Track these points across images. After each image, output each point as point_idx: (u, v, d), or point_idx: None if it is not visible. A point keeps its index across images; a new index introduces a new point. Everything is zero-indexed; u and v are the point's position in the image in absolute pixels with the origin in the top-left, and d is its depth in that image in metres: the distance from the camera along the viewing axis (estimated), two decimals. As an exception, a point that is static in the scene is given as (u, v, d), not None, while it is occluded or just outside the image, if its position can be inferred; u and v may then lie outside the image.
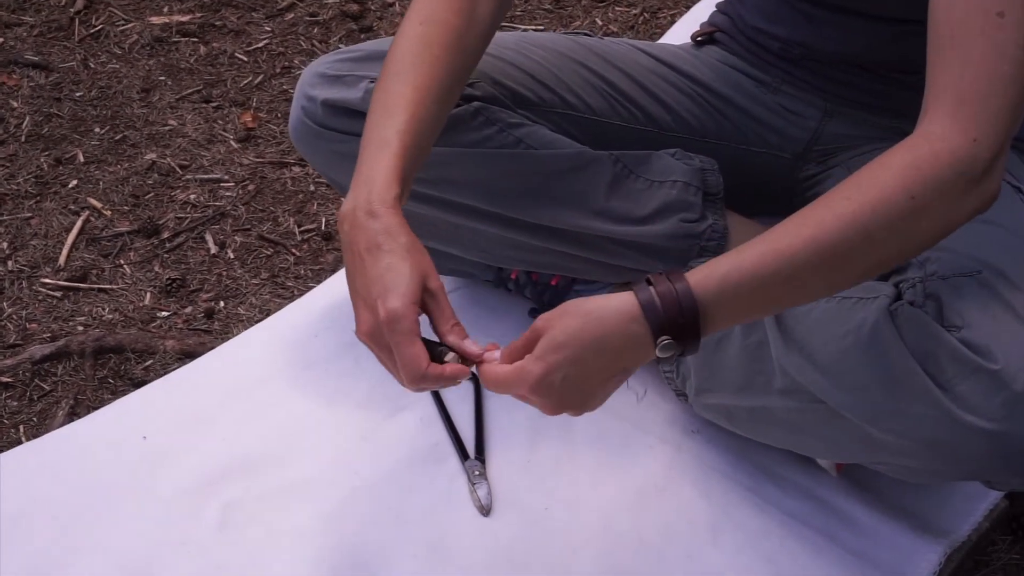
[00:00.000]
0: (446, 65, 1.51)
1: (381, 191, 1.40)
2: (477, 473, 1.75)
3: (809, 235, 1.26)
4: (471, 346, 1.38)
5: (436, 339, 1.39)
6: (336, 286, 2.11)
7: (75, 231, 2.34)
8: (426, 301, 1.38)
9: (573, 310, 1.32)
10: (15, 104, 2.67)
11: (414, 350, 1.34)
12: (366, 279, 1.38)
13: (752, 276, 1.27)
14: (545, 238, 1.78)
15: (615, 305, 1.30)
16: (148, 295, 2.22)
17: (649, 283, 1.29)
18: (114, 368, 2.06)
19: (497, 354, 1.37)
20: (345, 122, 1.74)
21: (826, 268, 1.28)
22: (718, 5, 1.92)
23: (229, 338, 2.06)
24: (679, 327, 1.27)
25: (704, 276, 1.28)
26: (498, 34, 1.86)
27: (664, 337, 1.28)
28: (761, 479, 1.76)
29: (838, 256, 1.27)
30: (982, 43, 1.26)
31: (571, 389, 1.32)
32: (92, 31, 2.88)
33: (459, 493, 1.75)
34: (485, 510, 1.72)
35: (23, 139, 2.57)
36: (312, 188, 2.45)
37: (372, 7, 2.96)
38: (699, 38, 1.92)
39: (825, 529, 1.70)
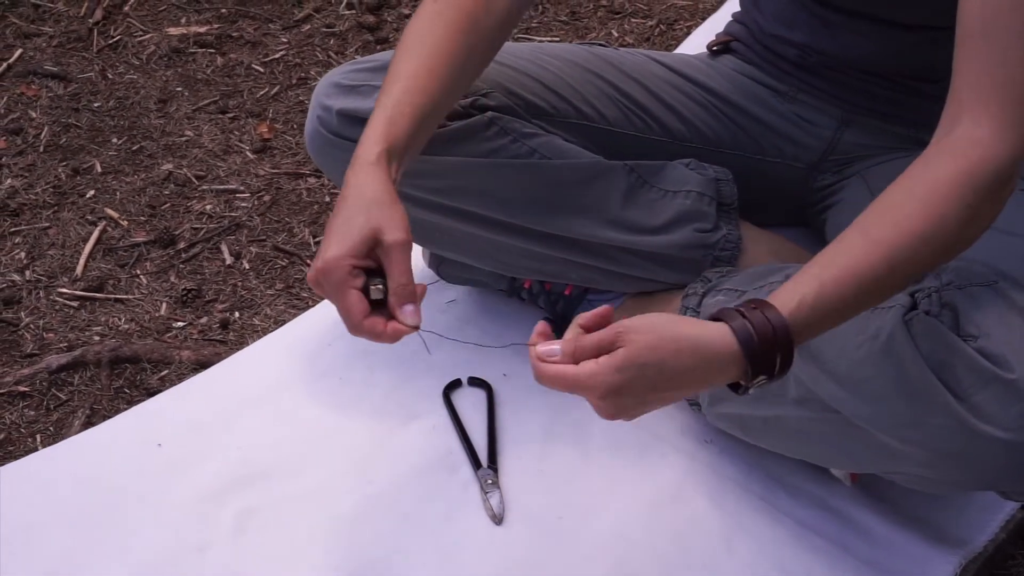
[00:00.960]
0: (454, 43, 1.54)
1: (364, 150, 1.44)
2: (490, 482, 1.75)
3: (881, 255, 1.29)
4: (407, 316, 1.38)
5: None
6: (351, 295, 2.11)
7: (92, 241, 2.35)
8: (380, 255, 1.38)
9: (666, 332, 1.27)
10: (34, 114, 2.68)
11: (346, 301, 1.36)
12: (326, 230, 1.41)
13: (838, 300, 1.29)
14: (559, 248, 1.78)
15: (712, 337, 1.27)
16: (164, 305, 2.22)
17: (742, 315, 1.27)
18: (130, 378, 2.06)
19: (556, 347, 1.31)
20: (360, 132, 1.73)
21: (897, 283, 1.33)
22: (734, 15, 1.92)
23: (243, 349, 2.06)
24: (777, 365, 1.28)
25: (795, 308, 1.27)
26: (513, 45, 1.87)
27: (761, 377, 1.28)
28: (775, 488, 1.75)
29: (908, 269, 1.31)
30: (1021, 44, 1.28)
31: (638, 404, 1.30)
32: (110, 42, 2.89)
33: (472, 502, 1.75)
34: (498, 519, 1.72)
35: (41, 149, 2.58)
36: (327, 199, 2.45)
37: (388, 18, 2.97)
38: (715, 48, 1.92)
39: (839, 539, 1.69)
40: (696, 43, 2.46)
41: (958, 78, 1.33)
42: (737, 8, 1.93)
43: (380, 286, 1.38)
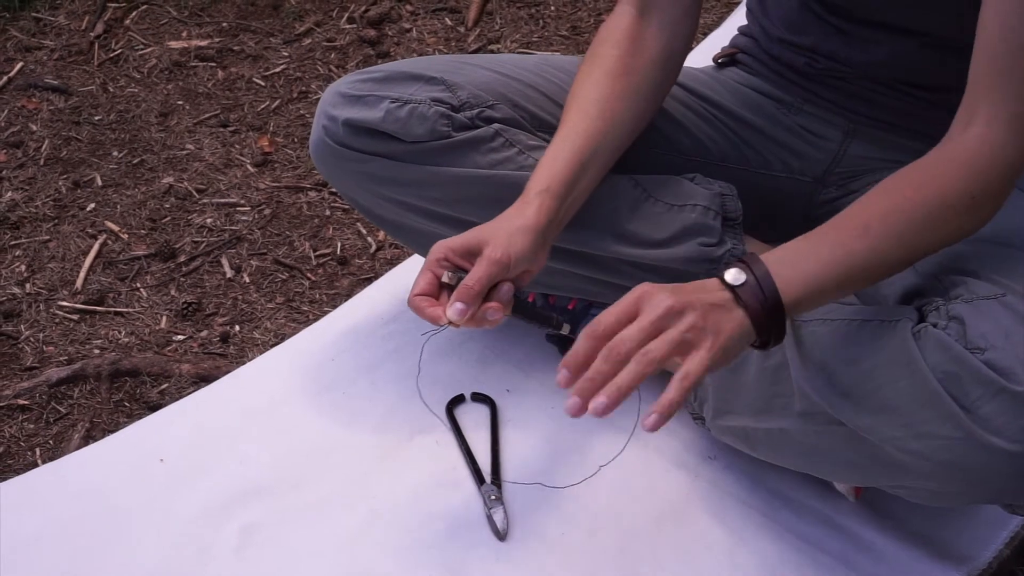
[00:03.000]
0: (607, 88, 1.68)
1: (529, 188, 1.59)
2: (493, 498, 1.75)
3: (874, 241, 1.38)
4: (451, 309, 1.49)
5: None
6: (353, 310, 2.11)
7: (92, 254, 2.35)
8: (473, 261, 1.51)
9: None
10: (34, 127, 2.68)
11: (420, 277, 1.52)
12: None
13: (830, 278, 1.37)
14: (563, 260, 1.77)
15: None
16: (164, 319, 2.22)
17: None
18: (130, 391, 2.06)
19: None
20: (366, 142, 1.74)
21: (892, 267, 1.41)
22: (740, 28, 1.92)
23: (244, 362, 2.05)
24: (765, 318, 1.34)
25: (787, 281, 1.35)
26: (517, 57, 1.88)
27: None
28: (778, 505, 1.75)
29: (903, 250, 1.40)
30: None
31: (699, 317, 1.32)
32: (111, 55, 2.90)
33: (475, 518, 1.74)
34: (501, 535, 1.71)
35: (42, 162, 2.58)
36: (328, 213, 2.45)
37: (389, 32, 2.98)
38: (720, 60, 1.92)
39: (843, 555, 1.69)
40: (701, 57, 2.46)
41: (975, 81, 1.40)
42: (741, 22, 1.92)
43: (454, 275, 1.51)
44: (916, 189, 1.40)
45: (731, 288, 1.34)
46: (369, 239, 2.39)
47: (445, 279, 1.51)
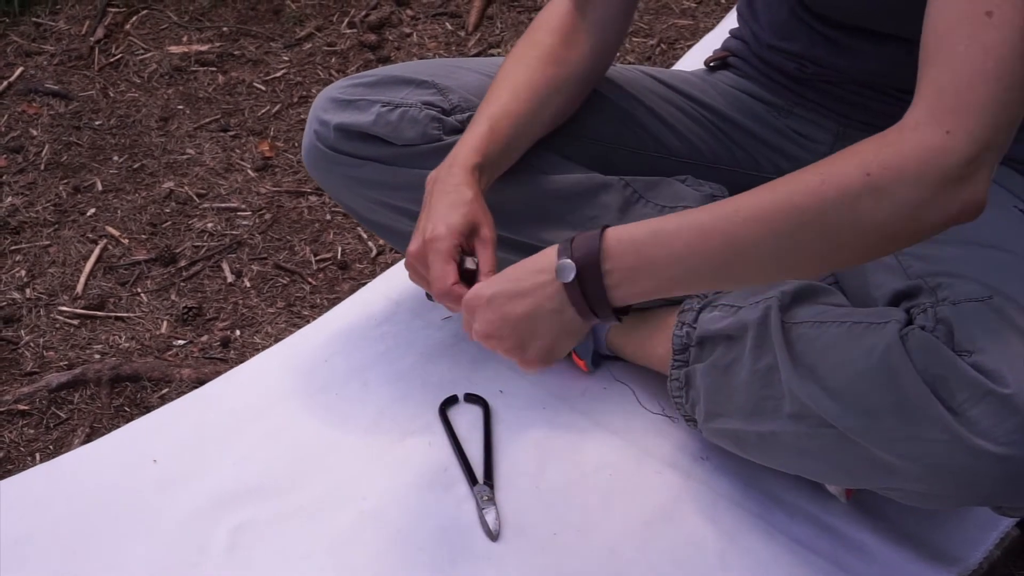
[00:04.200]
0: (538, 73, 1.70)
1: (463, 158, 1.60)
2: (486, 498, 1.75)
3: (760, 202, 1.30)
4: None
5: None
6: (346, 312, 2.12)
7: (93, 259, 2.35)
8: (476, 246, 1.56)
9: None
10: (35, 132, 2.69)
11: (445, 267, 1.52)
12: (428, 214, 1.57)
13: (672, 244, 1.33)
14: (555, 262, 1.78)
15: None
16: (164, 323, 2.22)
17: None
18: (130, 396, 2.06)
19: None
20: (357, 146, 1.75)
21: (773, 239, 1.28)
22: (732, 31, 1.93)
23: (239, 365, 2.06)
24: (581, 259, 1.35)
25: (623, 232, 1.36)
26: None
27: (564, 258, 1.37)
28: (770, 506, 1.75)
29: (790, 226, 1.27)
30: (967, 41, 1.24)
31: (499, 308, 1.43)
32: (112, 60, 2.91)
33: (468, 518, 1.74)
34: (494, 535, 1.71)
35: (42, 167, 2.59)
36: (328, 217, 2.46)
37: (389, 37, 2.98)
38: (712, 63, 1.92)
39: (834, 556, 1.68)
40: (693, 61, 2.46)
41: (919, 78, 1.29)
42: (735, 25, 1.93)
43: (475, 260, 1.56)
44: (809, 171, 1.30)
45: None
46: (369, 243, 2.39)
47: (471, 266, 1.55)
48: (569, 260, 1.36)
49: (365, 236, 2.41)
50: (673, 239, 1.33)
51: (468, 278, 1.54)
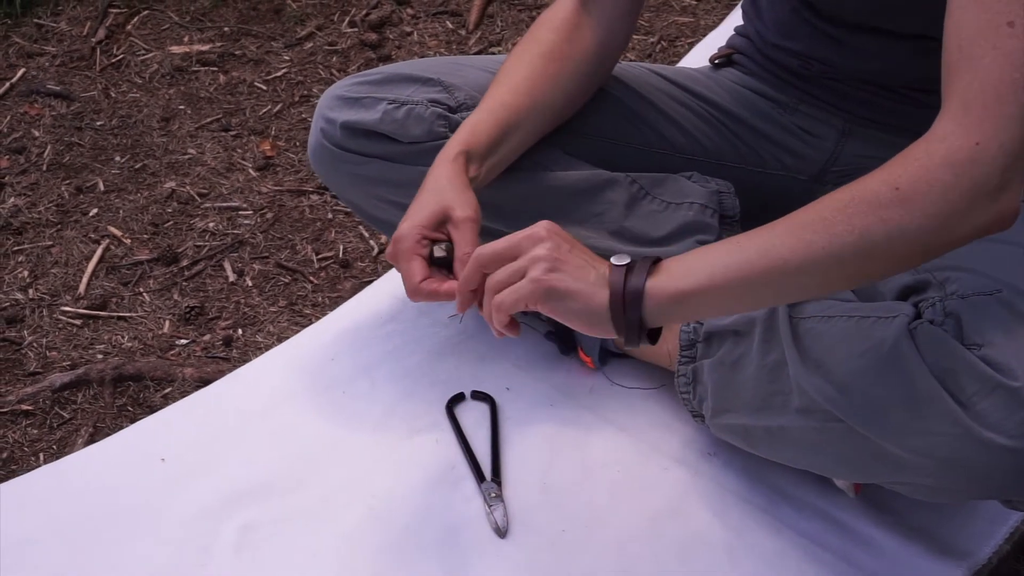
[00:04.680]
0: (536, 67, 1.71)
1: (446, 151, 1.61)
2: (493, 495, 1.75)
3: (807, 238, 1.28)
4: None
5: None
6: (352, 310, 2.11)
7: (95, 259, 2.35)
8: (450, 230, 1.55)
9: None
10: (37, 133, 2.69)
11: (409, 266, 1.52)
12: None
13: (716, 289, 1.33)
14: (560, 260, 1.78)
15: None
16: (167, 323, 2.22)
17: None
18: (133, 396, 2.06)
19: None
20: (364, 144, 1.75)
21: (818, 268, 1.29)
22: (737, 28, 1.93)
23: (247, 364, 2.06)
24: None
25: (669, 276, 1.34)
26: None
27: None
28: (778, 501, 1.75)
29: (829, 254, 1.27)
30: (992, 53, 1.24)
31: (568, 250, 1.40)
32: (113, 61, 2.91)
33: (475, 515, 1.74)
34: (501, 532, 1.71)
35: (44, 168, 2.59)
36: (330, 216, 2.46)
37: (390, 36, 2.98)
38: (717, 60, 1.92)
39: (843, 551, 1.68)
40: (698, 58, 2.46)
41: (941, 92, 1.29)
42: (738, 23, 1.93)
43: (443, 246, 1.55)
44: (841, 190, 1.29)
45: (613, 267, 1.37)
46: (371, 242, 2.39)
47: (439, 253, 1.54)
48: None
49: (367, 234, 2.41)
50: (717, 284, 1.33)
51: (447, 266, 1.55)
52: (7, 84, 2.83)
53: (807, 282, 1.32)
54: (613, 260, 1.37)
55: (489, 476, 1.78)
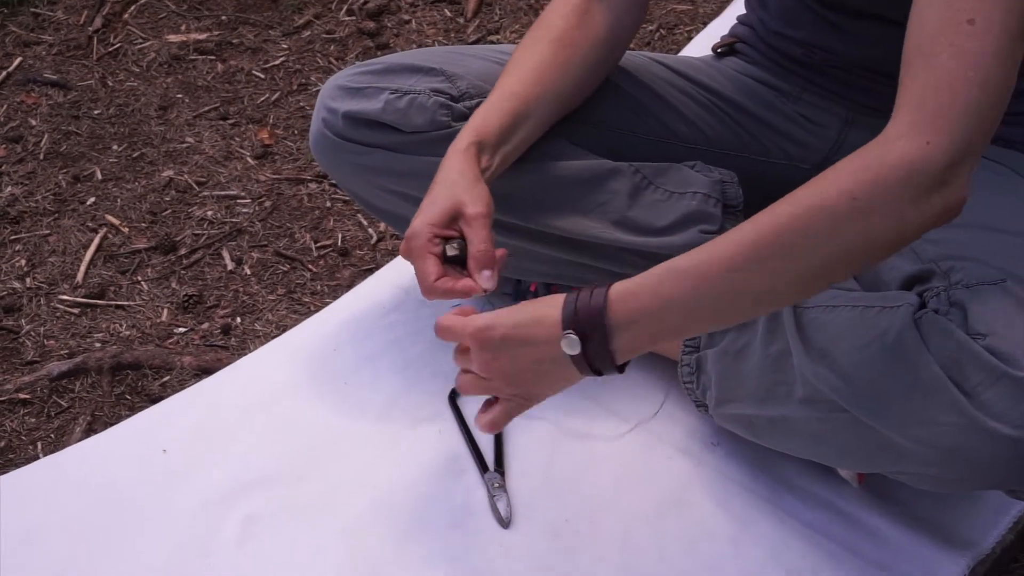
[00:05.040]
0: (546, 55, 1.70)
1: (457, 142, 1.61)
2: (497, 485, 1.75)
3: (750, 240, 1.30)
4: (483, 279, 1.54)
5: None
6: (354, 300, 2.11)
7: (93, 248, 2.35)
8: (463, 227, 1.55)
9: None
10: (34, 122, 2.68)
11: (423, 264, 1.54)
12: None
13: (673, 329, 1.37)
14: (564, 249, 1.78)
15: (544, 305, 1.41)
16: (165, 311, 2.22)
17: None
18: (131, 384, 2.06)
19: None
20: (366, 134, 1.74)
21: (766, 270, 1.30)
22: (739, 17, 1.92)
23: (246, 354, 2.05)
24: (586, 324, 1.34)
25: (624, 290, 1.34)
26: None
27: (569, 331, 1.35)
28: (781, 491, 1.75)
29: (777, 257, 1.29)
30: (948, 50, 1.25)
31: (508, 351, 1.41)
32: (110, 49, 2.89)
33: (479, 505, 1.74)
34: (505, 522, 1.71)
35: (41, 157, 2.58)
36: (328, 204, 2.45)
37: (389, 24, 2.97)
38: (720, 49, 1.92)
39: (846, 541, 1.69)
40: (700, 47, 2.46)
41: (900, 87, 1.30)
42: (741, 11, 1.93)
43: (456, 244, 1.55)
44: (794, 202, 1.29)
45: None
46: (370, 230, 2.39)
47: (451, 252, 1.55)
48: (573, 335, 1.35)
49: (365, 223, 2.41)
50: (672, 294, 1.33)
51: (461, 263, 1.55)
52: (4, 73, 2.82)
53: (758, 296, 1.34)
54: (564, 347, 1.37)
55: (492, 466, 1.78)
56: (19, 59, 2.86)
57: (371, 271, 2.22)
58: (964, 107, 1.23)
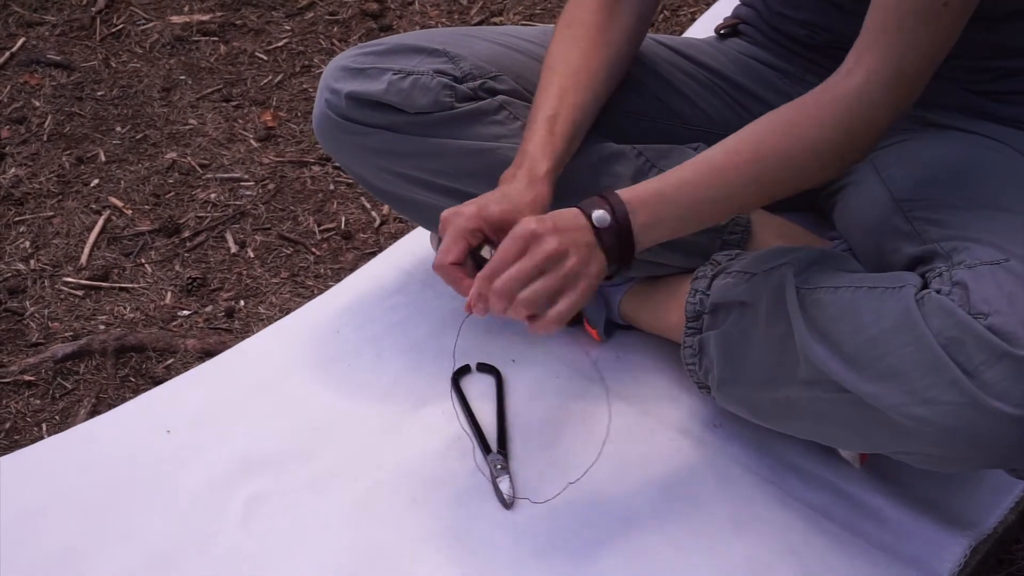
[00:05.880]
0: (592, 59, 1.71)
1: (534, 162, 1.62)
2: (499, 466, 1.75)
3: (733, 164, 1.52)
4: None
5: None
6: (357, 283, 2.11)
7: (96, 230, 2.35)
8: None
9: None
10: (37, 103, 2.68)
11: (455, 244, 1.51)
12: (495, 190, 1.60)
13: (682, 220, 1.53)
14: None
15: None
16: (169, 294, 2.22)
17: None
18: (135, 367, 2.07)
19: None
20: (368, 114, 1.74)
21: (745, 202, 1.58)
22: (742, -2, 1.92)
23: (249, 337, 2.05)
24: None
25: (642, 226, 1.49)
26: (520, 28, 1.88)
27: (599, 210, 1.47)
28: (784, 472, 1.75)
29: (756, 192, 1.53)
30: (925, 31, 1.42)
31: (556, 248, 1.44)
32: (113, 30, 2.89)
33: (482, 486, 1.74)
34: (507, 503, 1.72)
35: (45, 138, 2.58)
36: (332, 187, 2.45)
37: (392, 6, 2.97)
38: (723, 31, 1.91)
39: (848, 522, 1.69)
40: (703, 28, 2.45)
41: (867, 28, 1.47)
42: (743, -8, 1.93)
43: (490, 250, 1.53)
44: (782, 134, 1.50)
45: (596, 229, 1.47)
46: (373, 213, 2.39)
47: (485, 254, 1.53)
48: (603, 212, 1.47)
49: (369, 205, 2.41)
50: (683, 184, 1.51)
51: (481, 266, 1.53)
52: (7, 54, 2.82)
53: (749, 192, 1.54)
54: (595, 221, 1.48)
55: (495, 448, 1.78)
56: (22, 39, 2.86)
57: (374, 254, 2.22)
58: (907, 37, 1.44)
